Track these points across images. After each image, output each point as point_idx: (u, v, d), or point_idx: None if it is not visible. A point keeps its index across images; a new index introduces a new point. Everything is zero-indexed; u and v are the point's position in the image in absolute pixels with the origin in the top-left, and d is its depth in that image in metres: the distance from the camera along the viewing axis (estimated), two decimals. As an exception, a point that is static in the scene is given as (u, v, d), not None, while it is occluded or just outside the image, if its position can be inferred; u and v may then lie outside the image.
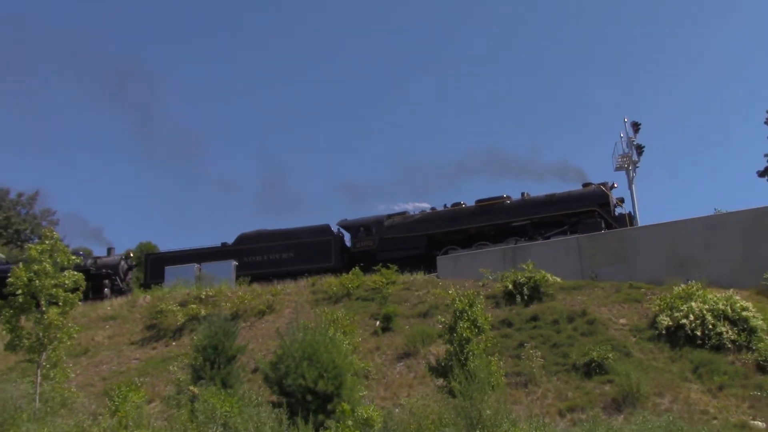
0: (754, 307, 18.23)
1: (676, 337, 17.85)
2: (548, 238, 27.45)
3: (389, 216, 32.30)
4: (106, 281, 33.85)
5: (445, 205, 31.75)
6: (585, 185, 30.02)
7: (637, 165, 31.14)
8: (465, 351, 15.01)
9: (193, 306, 25.56)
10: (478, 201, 31.00)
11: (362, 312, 23.18)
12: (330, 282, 26.26)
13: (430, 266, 28.18)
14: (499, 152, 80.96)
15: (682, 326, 17.81)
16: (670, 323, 18.13)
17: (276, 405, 13.87)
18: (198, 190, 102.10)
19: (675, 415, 14.34)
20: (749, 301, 18.58)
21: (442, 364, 15.59)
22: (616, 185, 29.50)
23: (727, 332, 17.30)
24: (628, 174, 31.09)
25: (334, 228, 33.35)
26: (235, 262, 32.36)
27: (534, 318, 20.36)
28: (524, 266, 22.53)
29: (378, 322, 22.08)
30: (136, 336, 25.25)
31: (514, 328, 20.08)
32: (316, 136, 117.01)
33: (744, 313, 17.71)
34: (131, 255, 36.90)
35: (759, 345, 16.78)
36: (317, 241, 32.36)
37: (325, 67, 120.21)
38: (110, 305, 28.64)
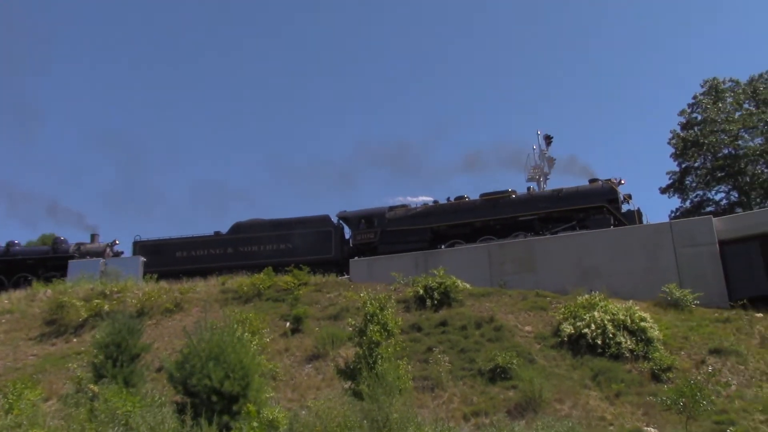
0: (652, 318, 19.10)
1: (578, 345, 18.45)
2: (556, 233, 27.20)
3: (391, 208, 31.57)
4: None
5: (448, 199, 31.09)
6: (592, 181, 29.84)
7: (548, 177, 32.14)
8: (374, 354, 15.07)
9: (97, 301, 24.74)
10: (482, 195, 30.41)
11: (272, 313, 22.98)
12: (240, 282, 25.93)
13: None
14: (399, 144, 79.53)
15: (584, 335, 18.42)
16: (573, 332, 18.71)
17: (180, 405, 13.59)
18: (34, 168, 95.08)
19: (574, 420, 14.83)
20: (647, 313, 19.40)
21: (351, 366, 15.60)
22: (623, 181, 29.26)
23: (625, 342, 18.02)
24: (539, 185, 32.04)
25: (334, 219, 32.33)
26: (142, 258, 31.47)
27: (443, 323, 20.64)
28: (435, 272, 22.84)
29: (288, 324, 21.93)
30: (35, 331, 24.24)
31: (423, 333, 20.31)
32: (183, 130, 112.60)
33: (642, 324, 18.50)
34: (117, 242, 35.35)
35: (654, 355, 17.59)
36: (317, 232, 31.41)
37: (198, 59, 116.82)
38: (8, 298, 27.41)
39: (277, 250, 31.39)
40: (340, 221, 32.15)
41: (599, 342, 18.12)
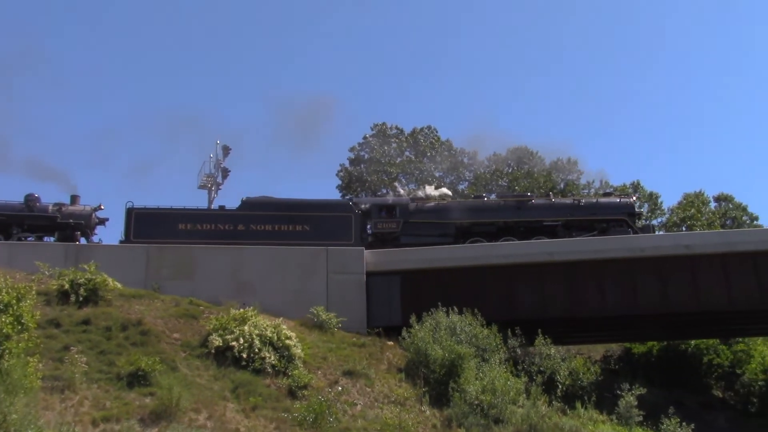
0: (297, 337, 20.13)
1: (224, 357, 18.72)
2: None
3: (413, 199, 30.67)
4: (77, 233, 27.27)
5: (466, 196, 29.95)
6: (607, 194, 32.01)
7: (220, 187, 32.63)
8: (1, 348, 13.88)
9: None
10: (500, 196, 30.20)
11: None
12: None
13: None
14: None
15: (231, 348, 18.77)
16: (221, 344, 18.96)
17: None
18: None
19: (208, 431, 15.02)
20: (294, 331, 20.39)
21: (-30, 360, 14.15)
22: (635, 197, 30.56)
23: (269, 357, 18.75)
24: (209, 194, 32.34)
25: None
26: None
27: (86, 322, 19.51)
28: (86, 266, 21.58)
29: None
30: None
31: (62, 330, 19.00)
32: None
33: (287, 341, 19.42)
34: (102, 207, 29.30)
35: (294, 372, 18.57)
36: (337, 216, 29.11)
37: None
38: None
39: (293, 231, 28.90)
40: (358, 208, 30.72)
41: (245, 356, 18.60)
